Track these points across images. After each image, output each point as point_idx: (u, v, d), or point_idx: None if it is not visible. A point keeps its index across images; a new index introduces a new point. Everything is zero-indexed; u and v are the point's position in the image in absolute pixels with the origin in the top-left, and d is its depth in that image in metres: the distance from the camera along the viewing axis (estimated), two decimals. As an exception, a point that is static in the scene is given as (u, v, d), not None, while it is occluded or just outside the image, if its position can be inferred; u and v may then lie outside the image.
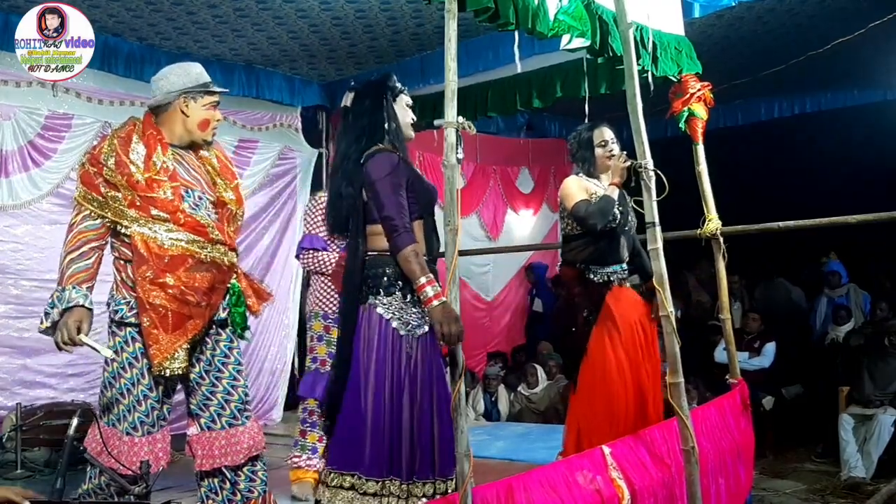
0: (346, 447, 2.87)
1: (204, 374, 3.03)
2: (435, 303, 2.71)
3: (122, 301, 2.93)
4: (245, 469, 3.08)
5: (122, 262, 2.95)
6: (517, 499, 2.73)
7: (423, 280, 2.75)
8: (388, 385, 2.84)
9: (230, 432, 3.04)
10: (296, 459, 4.13)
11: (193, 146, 3.10)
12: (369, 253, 2.96)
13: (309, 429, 4.11)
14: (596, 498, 3.05)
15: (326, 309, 4.09)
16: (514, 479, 2.82)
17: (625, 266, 3.93)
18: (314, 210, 4.22)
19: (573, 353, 3.84)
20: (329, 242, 4.12)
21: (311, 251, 4.14)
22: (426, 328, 2.91)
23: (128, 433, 2.89)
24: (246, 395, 3.13)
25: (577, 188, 3.88)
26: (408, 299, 2.90)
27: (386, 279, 2.89)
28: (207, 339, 3.03)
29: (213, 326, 3.04)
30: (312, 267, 4.15)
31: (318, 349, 4.11)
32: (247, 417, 3.09)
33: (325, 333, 4.08)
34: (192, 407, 3.06)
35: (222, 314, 3.05)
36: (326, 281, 4.11)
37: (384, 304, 2.89)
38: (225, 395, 3.05)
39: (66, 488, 2.37)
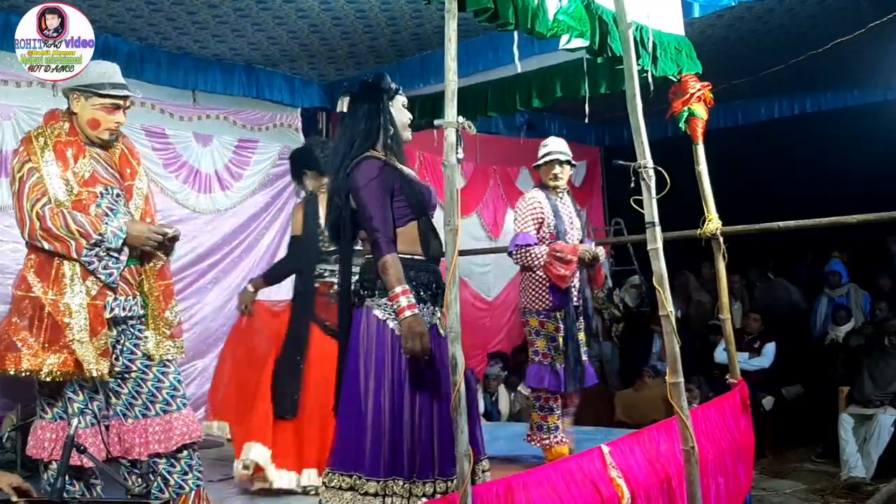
0: (346, 448, 2.88)
1: (128, 363, 3.09)
2: (406, 314, 2.78)
3: None
4: (182, 461, 3.12)
5: None
6: (517, 498, 2.73)
7: (397, 290, 2.80)
8: (388, 385, 2.85)
9: (164, 418, 3.09)
10: (545, 442, 4.27)
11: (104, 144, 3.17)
12: (365, 257, 2.99)
13: (547, 413, 4.27)
14: (596, 497, 3.05)
15: (539, 305, 4.26)
16: (514, 477, 2.83)
17: None
18: (524, 209, 4.43)
19: None
20: (538, 238, 4.32)
21: (524, 248, 4.31)
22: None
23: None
24: (178, 381, 3.19)
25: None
26: None
27: (381, 282, 2.89)
28: (127, 329, 3.09)
29: (129, 320, 3.10)
30: (525, 262, 4.33)
31: (537, 343, 4.27)
32: (182, 404, 3.15)
33: (540, 328, 4.25)
34: (123, 397, 3.10)
35: (140, 311, 3.13)
36: (538, 276, 4.28)
37: (381, 306, 2.91)
38: (155, 383, 3.11)
39: (66, 487, 2.37)
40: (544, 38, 3.43)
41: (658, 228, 3.40)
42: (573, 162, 4.51)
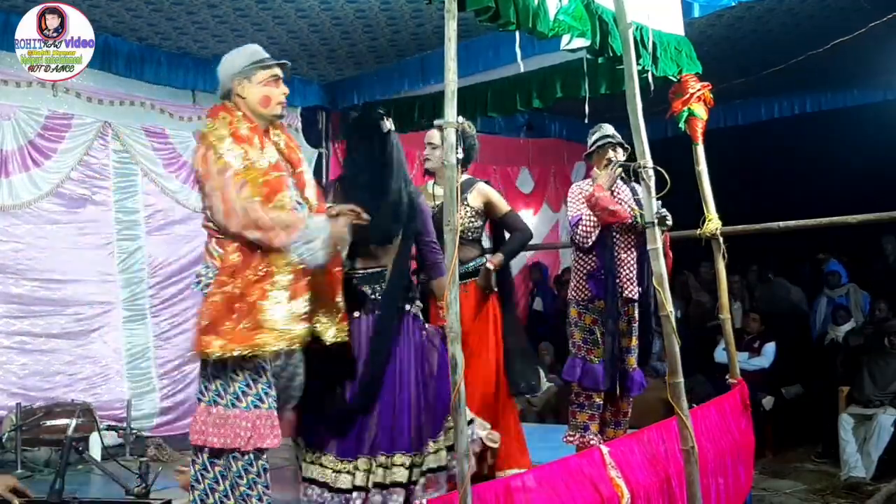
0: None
1: None
2: None
3: None
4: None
5: None
6: (516, 498, 2.73)
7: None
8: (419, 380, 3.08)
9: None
10: (570, 439, 4.18)
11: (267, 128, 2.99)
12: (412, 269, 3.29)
13: (577, 409, 4.16)
14: (595, 497, 3.05)
15: (579, 294, 4.19)
16: (513, 478, 2.84)
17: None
18: (573, 196, 4.27)
19: None
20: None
21: (576, 222, 4.21)
22: None
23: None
24: None
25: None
26: None
27: (413, 289, 3.24)
28: None
29: None
30: (584, 231, 4.19)
31: (574, 335, 4.20)
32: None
33: (578, 319, 4.17)
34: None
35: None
36: (582, 264, 4.21)
37: (418, 308, 3.21)
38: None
39: (66, 488, 2.37)
40: (545, 38, 3.43)
41: (658, 228, 3.40)
42: (626, 145, 4.13)
